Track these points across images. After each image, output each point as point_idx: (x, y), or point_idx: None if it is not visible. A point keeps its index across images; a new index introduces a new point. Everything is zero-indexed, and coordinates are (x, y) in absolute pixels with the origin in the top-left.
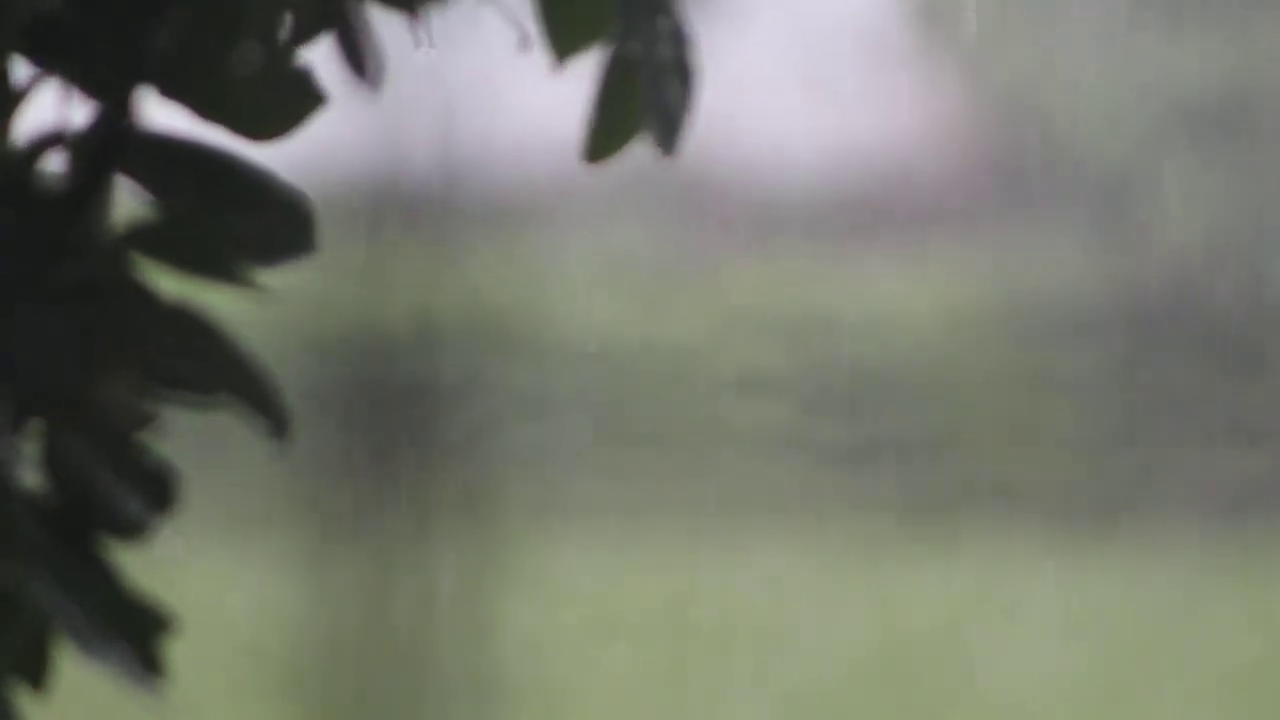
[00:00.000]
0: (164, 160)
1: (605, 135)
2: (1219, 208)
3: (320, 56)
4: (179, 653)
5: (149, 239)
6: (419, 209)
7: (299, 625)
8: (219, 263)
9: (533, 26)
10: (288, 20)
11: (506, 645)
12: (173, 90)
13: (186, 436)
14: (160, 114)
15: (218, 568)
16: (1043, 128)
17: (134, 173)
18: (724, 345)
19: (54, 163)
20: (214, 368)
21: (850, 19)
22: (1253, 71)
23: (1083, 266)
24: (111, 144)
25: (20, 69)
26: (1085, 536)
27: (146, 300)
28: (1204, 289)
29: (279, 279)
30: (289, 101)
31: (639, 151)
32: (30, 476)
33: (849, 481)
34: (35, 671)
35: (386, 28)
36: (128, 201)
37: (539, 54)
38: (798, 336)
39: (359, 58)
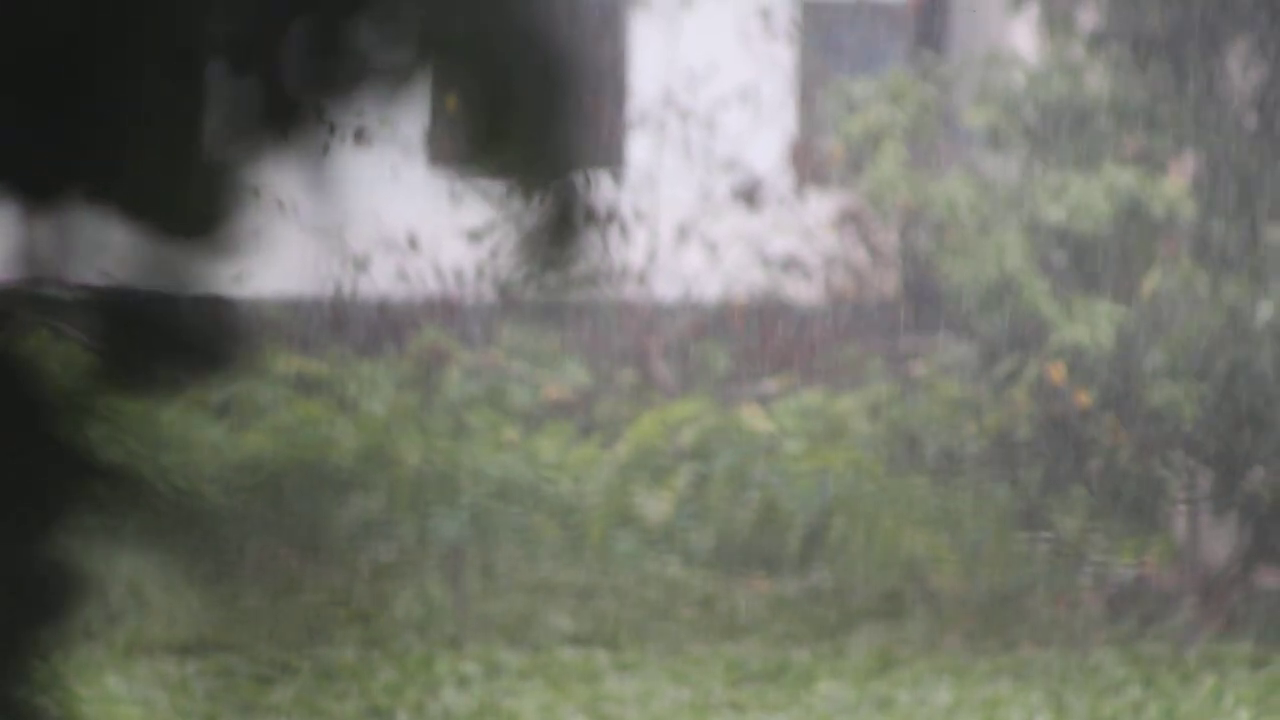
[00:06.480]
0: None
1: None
2: (1098, 328)
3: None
4: None
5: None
6: (313, 328)
7: None
8: (161, 384)
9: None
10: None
11: None
12: (110, 196)
13: None
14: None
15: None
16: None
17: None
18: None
19: None
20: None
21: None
22: (1129, 206)
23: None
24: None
25: None
26: (960, 667)
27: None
28: (1080, 420)
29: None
30: (227, 210)
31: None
32: None
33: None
34: None
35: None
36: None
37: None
38: (686, 460)
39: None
